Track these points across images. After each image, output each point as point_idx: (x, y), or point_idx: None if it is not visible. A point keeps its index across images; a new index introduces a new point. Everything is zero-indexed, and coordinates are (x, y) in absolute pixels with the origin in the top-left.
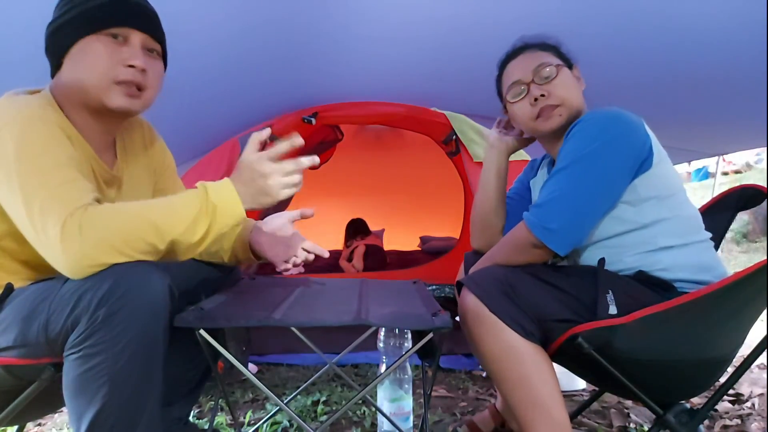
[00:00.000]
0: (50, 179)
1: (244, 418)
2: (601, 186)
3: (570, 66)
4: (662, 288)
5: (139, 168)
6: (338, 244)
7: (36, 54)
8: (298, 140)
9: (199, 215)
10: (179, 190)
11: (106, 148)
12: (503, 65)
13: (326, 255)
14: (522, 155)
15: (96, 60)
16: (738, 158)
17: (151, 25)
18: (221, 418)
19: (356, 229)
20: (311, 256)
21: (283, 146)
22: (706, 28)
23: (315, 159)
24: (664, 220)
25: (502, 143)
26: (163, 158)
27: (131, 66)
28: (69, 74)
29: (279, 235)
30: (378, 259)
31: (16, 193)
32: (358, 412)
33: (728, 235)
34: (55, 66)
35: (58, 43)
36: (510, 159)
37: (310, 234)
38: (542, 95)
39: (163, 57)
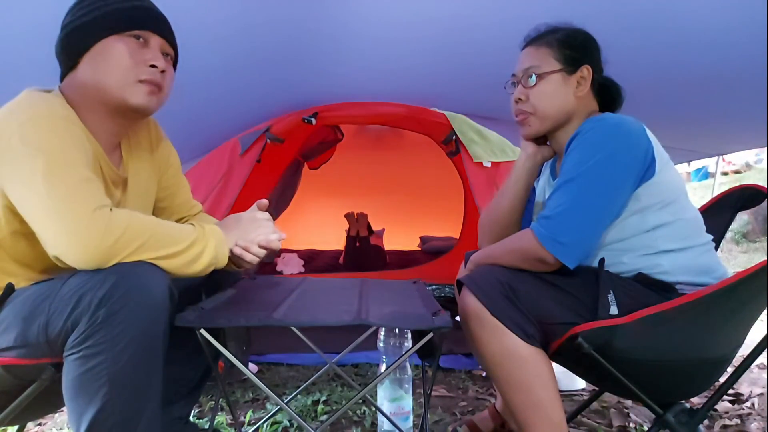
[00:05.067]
0: (73, 174)
1: (245, 417)
2: (607, 199)
3: (574, 66)
4: (663, 289)
5: (144, 167)
6: (338, 244)
7: (36, 59)
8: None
9: (197, 240)
10: (184, 189)
11: (114, 148)
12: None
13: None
14: None
15: (119, 59)
16: (738, 158)
17: (167, 30)
18: (221, 418)
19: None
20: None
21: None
22: (706, 28)
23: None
24: (666, 225)
25: (539, 153)
26: (168, 156)
27: (153, 66)
28: (88, 73)
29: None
30: (378, 259)
31: (37, 183)
32: (358, 412)
33: (728, 235)
34: (69, 67)
35: (78, 43)
36: (509, 159)
37: (311, 234)
38: (520, 99)
39: (174, 63)
